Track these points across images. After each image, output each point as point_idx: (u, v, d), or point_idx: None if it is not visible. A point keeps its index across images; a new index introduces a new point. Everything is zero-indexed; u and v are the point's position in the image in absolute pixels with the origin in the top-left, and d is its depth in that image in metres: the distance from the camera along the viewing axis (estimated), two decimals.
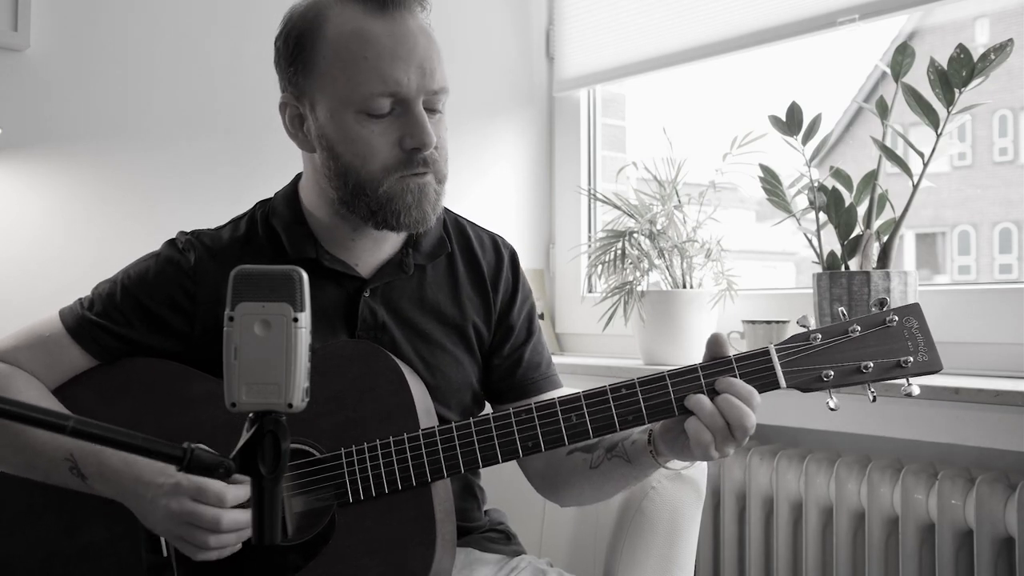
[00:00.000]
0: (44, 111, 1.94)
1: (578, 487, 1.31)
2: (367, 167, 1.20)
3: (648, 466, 1.21)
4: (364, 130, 1.19)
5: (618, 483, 1.27)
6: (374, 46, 1.16)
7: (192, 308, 1.27)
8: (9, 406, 0.71)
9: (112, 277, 1.32)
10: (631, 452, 1.21)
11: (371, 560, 1.14)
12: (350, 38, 1.17)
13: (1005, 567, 1.60)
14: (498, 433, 1.15)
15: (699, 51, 2.27)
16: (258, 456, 0.75)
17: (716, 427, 1.08)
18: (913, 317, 1.14)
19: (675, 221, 2.12)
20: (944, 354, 1.17)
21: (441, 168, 1.23)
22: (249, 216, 1.35)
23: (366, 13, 1.18)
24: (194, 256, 1.29)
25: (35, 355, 1.27)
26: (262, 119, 2.20)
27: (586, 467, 1.27)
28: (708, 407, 1.09)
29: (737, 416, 1.08)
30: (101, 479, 1.14)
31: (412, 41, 1.18)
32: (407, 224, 1.22)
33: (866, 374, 1.12)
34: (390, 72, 1.16)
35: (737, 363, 1.13)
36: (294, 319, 0.75)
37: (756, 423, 1.09)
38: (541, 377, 1.39)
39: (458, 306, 1.34)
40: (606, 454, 1.24)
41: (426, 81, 1.18)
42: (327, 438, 1.18)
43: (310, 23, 1.21)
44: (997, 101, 4.78)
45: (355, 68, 1.17)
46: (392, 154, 1.19)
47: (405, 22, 1.19)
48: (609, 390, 1.14)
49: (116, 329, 1.27)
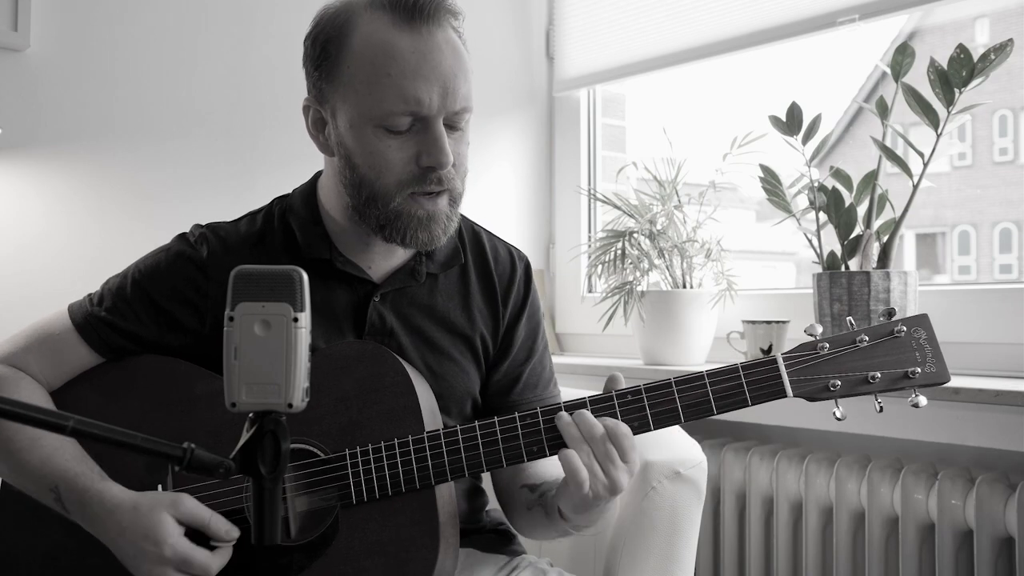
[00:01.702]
0: (44, 111, 1.94)
1: (519, 521, 1.35)
2: (382, 180, 1.19)
3: (558, 521, 1.21)
4: (381, 144, 1.18)
5: (544, 530, 1.29)
6: (398, 63, 1.14)
7: (203, 303, 1.27)
8: (9, 406, 0.71)
9: (122, 271, 1.32)
10: (549, 505, 1.22)
11: (374, 561, 1.14)
12: (376, 52, 1.15)
13: (1005, 567, 1.60)
14: (503, 437, 1.16)
15: (699, 51, 2.27)
16: (258, 456, 0.75)
17: (580, 447, 1.10)
18: (922, 328, 1.14)
19: (675, 221, 2.12)
20: (944, 354, 1.17)
21: (457, 187, 1.22)
22: (266, 211, 1.34)
23: (394, 25, 1.15)
24: (207, 250, 1.28)
25: (42, 354, 1.27)
26: (262, 118, 2.21)
27: (524, 507, 1.30)
28: (565, 419, 1.11)
29: (590, 424, 1.10)
30: (83, 519, 1.14)
31: (437, 58, 1.15)
32: (414, 242, 1.22)
33: (873, 384, 1.12)
34: (412, 91, 1.14)
35: (744, 371, 1.13)
36: (294, 319, 0.75)
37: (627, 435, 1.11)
38: (536, 399, 1.38)
39: (468, 316, 1.34)
40: (538, 499, 1.26)
41: (448, 101, 1.16)
42: (332, 438, 1.18)
43: (338, 30, 1.19)
44: (997, 101, 4.78)
45: (377, 83, 1.15)
46: (407, 170, 1.18)
47: (433, 37, 1.16)
48: (632, 392, 1.15)
49: (125, 326, 1.27)
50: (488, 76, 2.59)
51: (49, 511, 1.18)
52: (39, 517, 1.21)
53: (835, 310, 1.74)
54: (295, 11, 2.23)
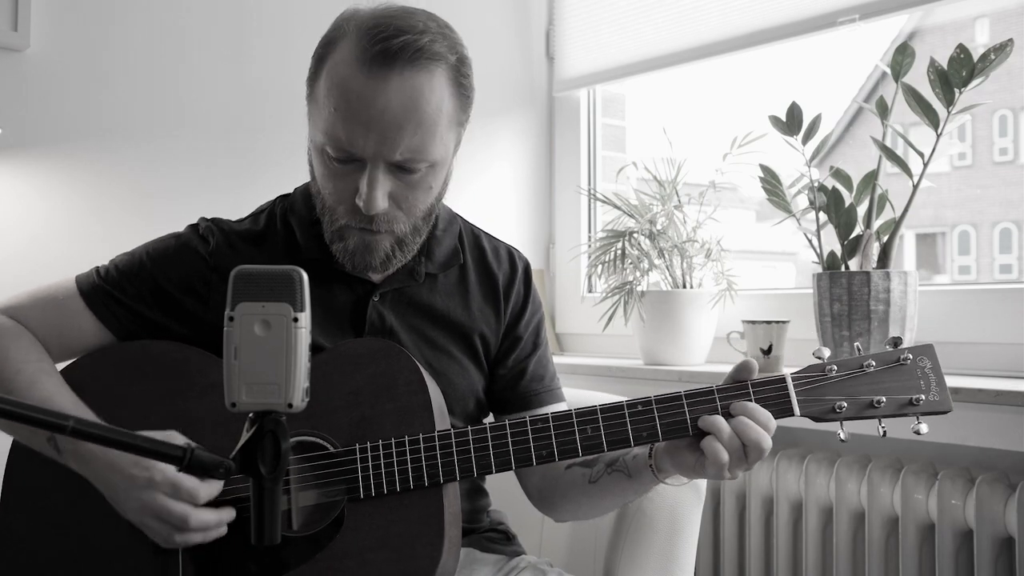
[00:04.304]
0: (44, 111, 1.94)
1: (575, 501, 1.32)
2: (328, 200, 1.23)
3: (648, 481, 1.22)
4: (328, 168, 1.20)
5: (616, 498, 1.28)
6: (346, 103, 1.14)
7: (207, 294, 1.28)
8: (9, 406, 0.71)
9: (132, 251, 1.33)
10: (632, 467, 1.23)
11: (378, 555, 1.15)
12: (332, 84, 1.16)
13: (1005, 567, 1.60)
14: (513, 440, 1.17)
15: (699, 51, 2.27)
16: (258, 456, 0.76)
17: (733, 448, 1.10)
18: (927, 357, 1.16)
19: (675, 221, 2.12)
20: (944, 354, 1.18)
21: (399, 229, 1.22)
22: (269, 210, 1.36)
23: (355, 62, 1.14)
24: (214, 243, 1.30)
25: (46, 317, 1.27)
26: (261, 117, 2.20)
27: (585, 482, 1.28)
28: (727, 428, 1.10)
29: (755, 439, 1.10)
30: (75, 457, 1.15)
31: (381, 108, 1.13)
32: (351, 266, 1.25)
33: (879, 409, 1.14)
34: (346, 132, 1.15)
35: (753, 388, 1.15)
36: (294, 319, 0.75)
37: (770, 444, 1.11)
38: (544, 390, 1.40)
39: (467, 315, 1.35)
40: (606, 469, 1.26)
41: (385, 150, 1.15)
42: (343, 433, 1.18)
43: (325, 47, 1.20)
44: (997, 101, 4.78)
45: (329, 116, 1.16)
46: (345, 199, 1.21)
47: (386, 85, 1.13)
48: (626, 406, 1.16)
49: (129, 303, 1.28)
50: (488, 76, 2.58)
51: (54, 492, 1.19)
52: (46, 497, 1.21)
53: (835, 310, 1.74)
54: (295, 11, 2.23)
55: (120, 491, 1.11)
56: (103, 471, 1.12)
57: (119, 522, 1.14)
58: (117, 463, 1.11)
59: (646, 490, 1.27)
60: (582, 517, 1.40)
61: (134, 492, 1.09)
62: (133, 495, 1.10)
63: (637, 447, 1.19)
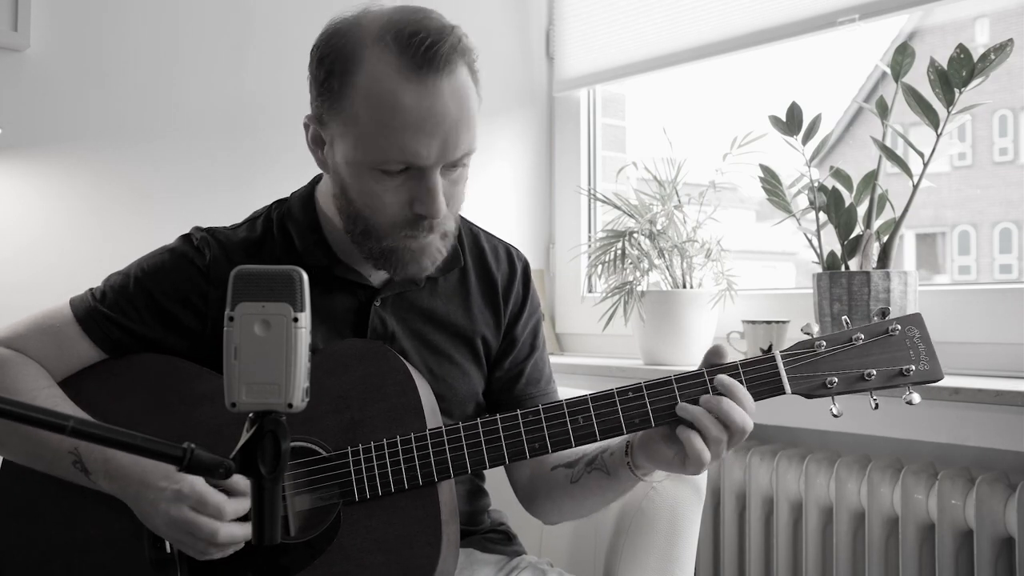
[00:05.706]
0: (44, 111, 1.94)
1: (558, 502, 1.33)
2: (376, 218, 1.19)
3: (627, 479, 1.22)
4: (378, 186, 1.17)
5: (598, 498, 1.28)
6: (401, 116, 1.12)
7: (204, 307, 1.27)
8: (9, 406, 0.71)
9: (124, 269, 1.31)
10: (611, 465, 1.22)
11: (376, 558, 1.14)
12: (379, 100, 1.12)
13: (1005, 567, 1.60)
14: (505, 434, 1.16)
15: (699, 51, 2.27)
16: (258, 456, 0.75)
17: (708, 432, 1.09)
18: (915, 326, 1.16)
19: (675, 221, 2.12)
20: (944, 354, 1.18)
21: (448, 227, 1.22)
22: (265, 216, 1.34)
23: (400, 73, 1.11)
24: (209, 255, 1.28)
25: (44, 345, 1.27)
26: (262, 118, 2.21)
27: (567, 482, 1.28)
28: (698, 411, 1.10)
29: (728, 415, 1.09)
30: (106, 476, 1.14)
31: (441, 112, 1.12)
32: (403, 274, 1.24)
33: (869, 382, 1.14)
34: (412, 145, 1.13)
35: (743, 368, 1.14)
36: (294, 319, 0.75)
37: (752, 425, 1.10)
38: (540, 393, 1.39)
39: (468, 318, 1.34)
40: (586, 468, 1.26)
41: (447, 152, 1.15)
42: (333, 437, 1.18)
43: (345, 60, 1.15)
44: (997, 101, 4.79)
45: (378, 131, 1.13)
46: (400, 213, 1.18)
47: (439, 90, 1.12)
48: (616, 393, 1.15)
49: (126, 323, 1.27)
50: (488, 76, 2.57)
51: (47, 505, 1.18)
52: (39, 510, 1.21)
53: (835, 310, 1.74)
54: (295, 12, 2.23)
55: (148, 504, 1.11)
56: (134, 485, 1.12)
57: (114, 537, 1.14)
58: (147, 477, 1.11)
59: (627, 489, 1.26)
60: (568, 518, 1.40)
61: (162, 505, 1.09)
62: (161, 508, 1.09)
63: (616, 442, 1.19)
